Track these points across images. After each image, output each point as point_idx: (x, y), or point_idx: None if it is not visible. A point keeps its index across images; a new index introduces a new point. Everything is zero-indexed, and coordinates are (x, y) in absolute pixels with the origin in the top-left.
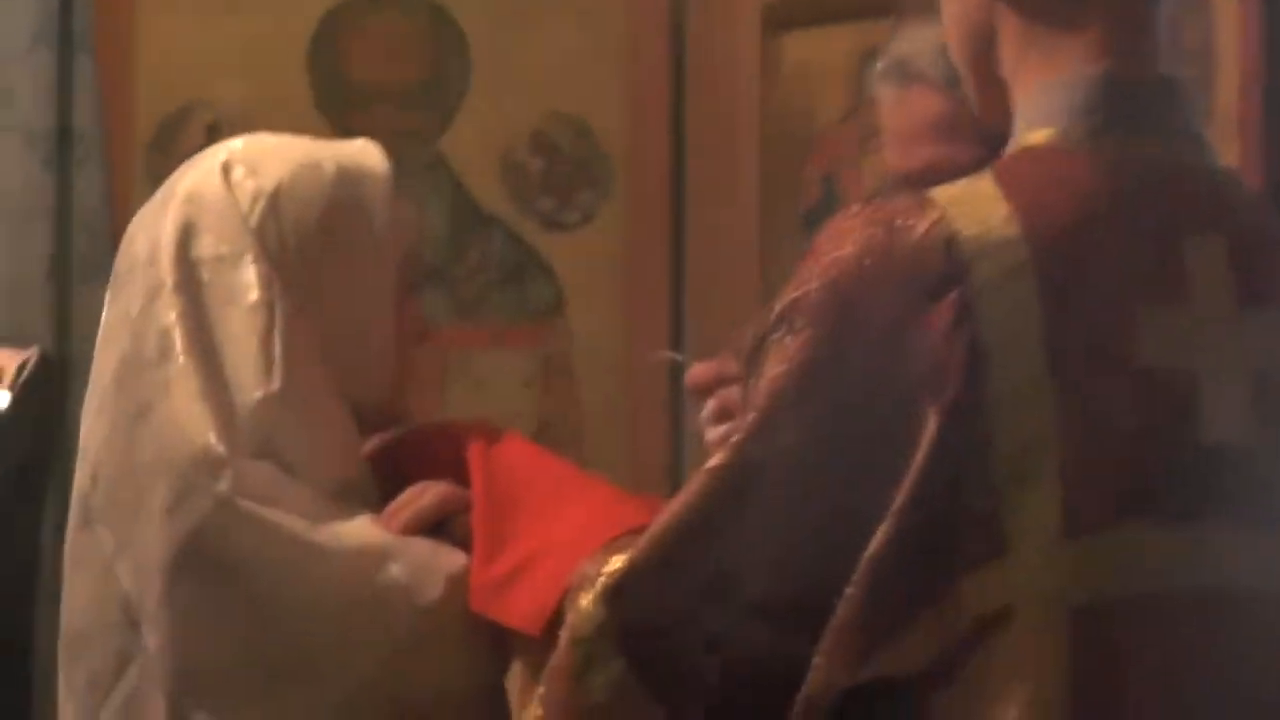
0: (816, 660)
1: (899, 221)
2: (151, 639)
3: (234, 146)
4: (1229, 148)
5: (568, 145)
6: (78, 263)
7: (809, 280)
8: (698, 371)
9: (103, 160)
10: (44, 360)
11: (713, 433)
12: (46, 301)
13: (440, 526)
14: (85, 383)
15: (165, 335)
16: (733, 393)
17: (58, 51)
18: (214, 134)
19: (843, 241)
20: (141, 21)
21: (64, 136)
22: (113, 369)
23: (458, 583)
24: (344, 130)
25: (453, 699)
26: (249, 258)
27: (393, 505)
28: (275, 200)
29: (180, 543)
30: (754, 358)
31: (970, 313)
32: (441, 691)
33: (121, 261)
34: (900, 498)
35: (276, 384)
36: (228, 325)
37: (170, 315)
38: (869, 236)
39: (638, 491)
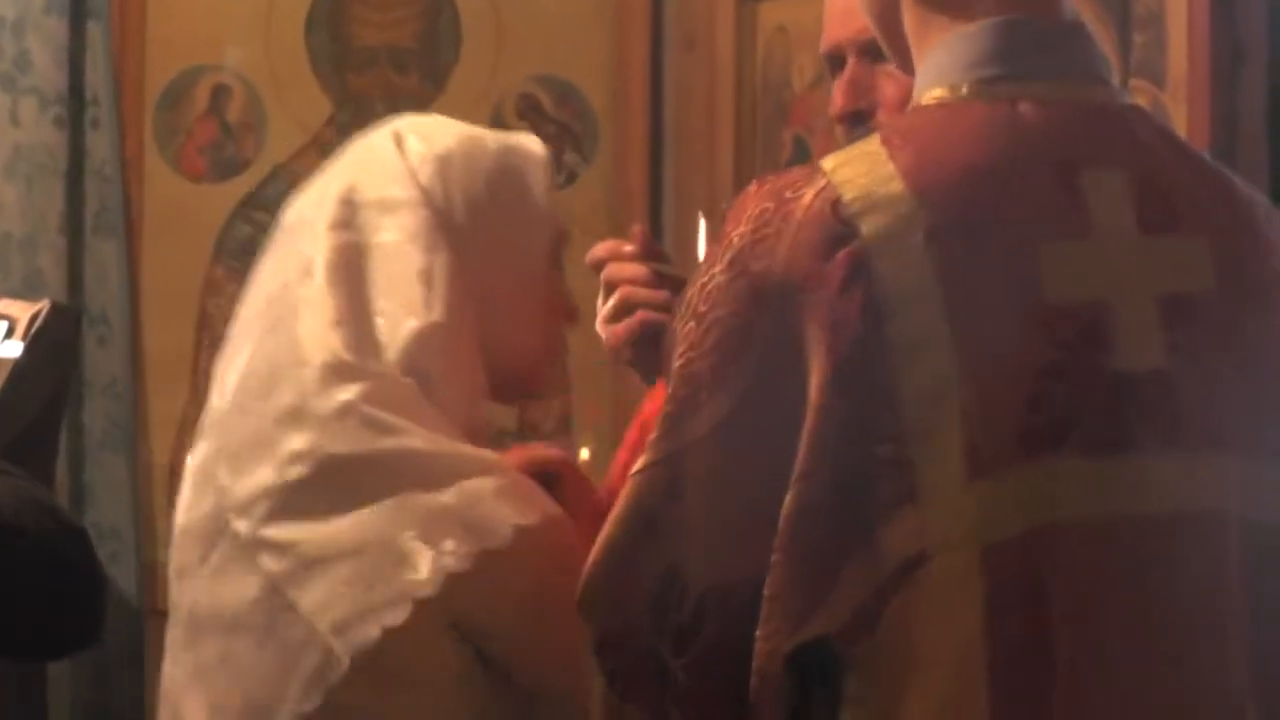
0: (758, 631)
1: (788, 193)
2: (244, 524)
3: (403, 122)
4: (1178, 111)
5: (552, 108)
6: (89, 218)
7: (713, 264)
8: (596, 248)
9: (113, 120)
10: (55, 311)
11: (609, 329)
12: (59, 254)
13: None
14: (95, 332)
15: (310, 262)
16: (626, 271)
17: (69, 18)
18: (219, 95)
19: (740, 220)
20: None
21: (76, 98)
22: (258, 306)
23: (523, 534)
24: (341, 92)
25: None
26: (415, 205)
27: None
28: (445, 161)
29: (302, 443)
30: (669, 347)
31: (862, 268)
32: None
33: (281, 225)
34: (802, 455)
35: (437, 315)
36: (385, 257)
37: (318, 246)
38: (761, 211)
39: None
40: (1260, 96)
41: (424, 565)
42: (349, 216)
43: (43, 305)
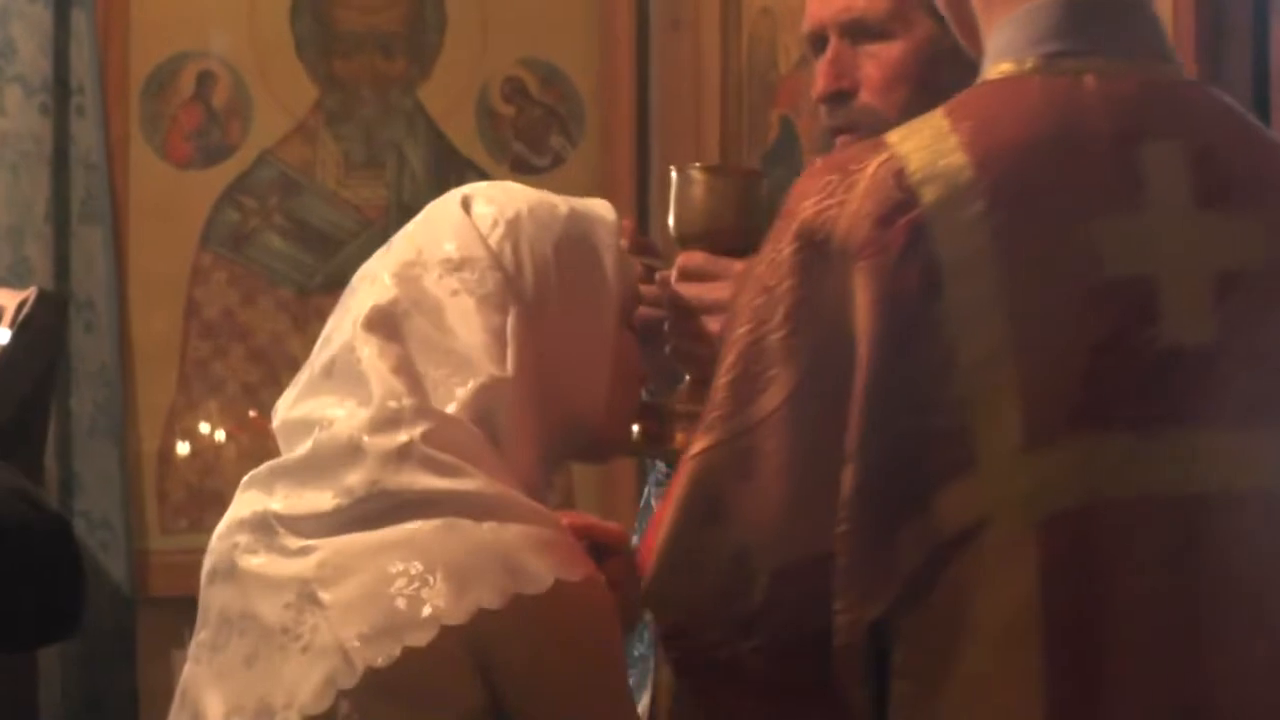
0: (836, 604)
1: (852, 165)
2: (291, 537)
3: (472, 187)
4: None
5: (538, 91)
6: (75, 205)
7: (780, 239)
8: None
9: (99, 108)
10: (42, 298)
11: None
12: (46, 242)
13: (599, 556)
14: (82, 319)
15: (374, 310)
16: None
17: (54, 6)
18: (204, 82)
19: (805, 196)
20: None
21: (61, 86)
22: (318, 352)
23: (562, 587)
24: (327, 77)
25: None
26: (484, 267)
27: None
28: (514, 225)
29: (362, 477)
30: (727, 326)
31: (923, 235)
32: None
33: (351, 283)
34: (857, 424)
35: (504, 370)
36: (454, 312)
37: (383, 296)
38: (825, 184)
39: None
40: (1245, 73)
41: (458, 594)
42: (417, 273)
43: (30, 293)
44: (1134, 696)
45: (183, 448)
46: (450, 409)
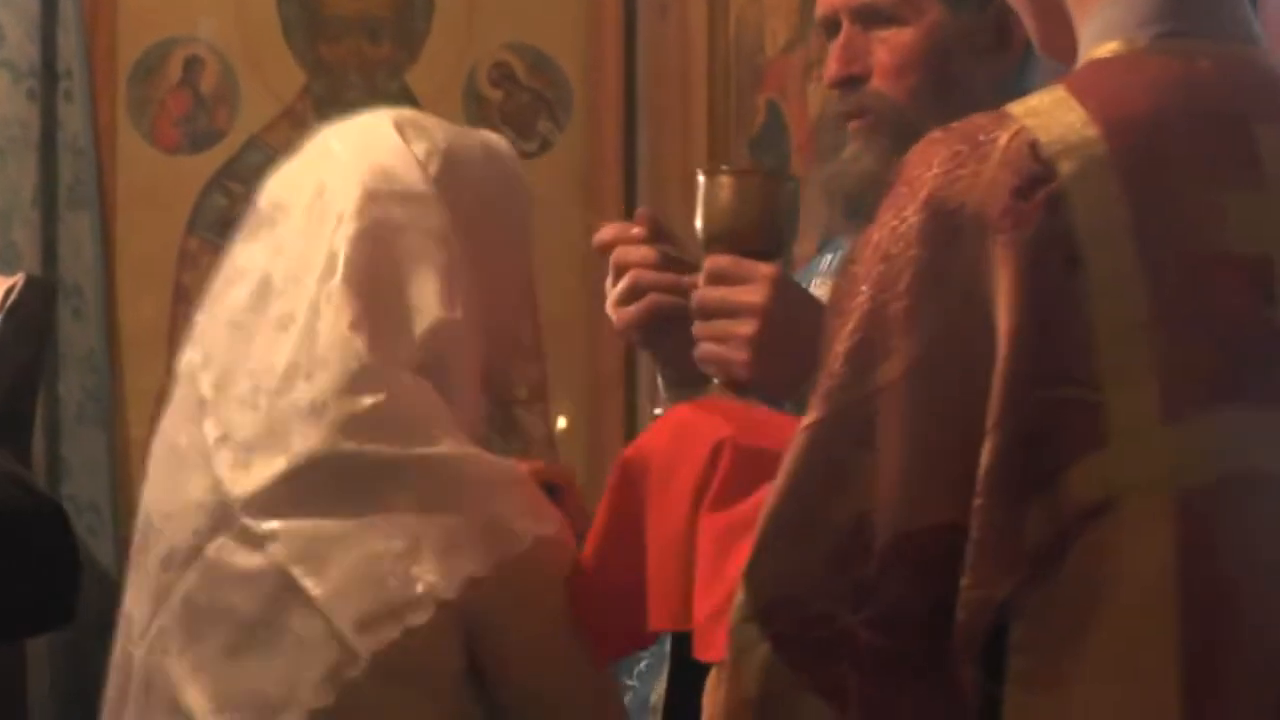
0: (964, 580)
1: (982, 136)
2: (252, 516)
3: (393, 112)
4: None
5: (526, 75)
6: (63, 191)
7: (904, 206)
8: (603, 231)
9: (86, 93)
10: (30, 284)
11: (620, 312)
12: (33, 228)
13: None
14: (70, 305)
15: (333, 256)
16: (635, 254)
17: None
18: (192, 67)
19: (930, 163)
20: None
21: (49, 71)
22: (247, 296)
23: (540, 543)
24: (314, 62)
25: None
26: (430, 201)
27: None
28: (449, 157)
29: (320, 439)
30: (841, 295)
31: (1061, 208)
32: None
33: (263, 209)
34: (997, 397)
35: (459, 312)
36: (406, 253)
37: (343, 238)
38: (955, 153)
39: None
40: None
41: (447, 566)
42: (368, 208)
43: (17, 279)
44: (1262, 674)
45: None
46: (403, 354)
